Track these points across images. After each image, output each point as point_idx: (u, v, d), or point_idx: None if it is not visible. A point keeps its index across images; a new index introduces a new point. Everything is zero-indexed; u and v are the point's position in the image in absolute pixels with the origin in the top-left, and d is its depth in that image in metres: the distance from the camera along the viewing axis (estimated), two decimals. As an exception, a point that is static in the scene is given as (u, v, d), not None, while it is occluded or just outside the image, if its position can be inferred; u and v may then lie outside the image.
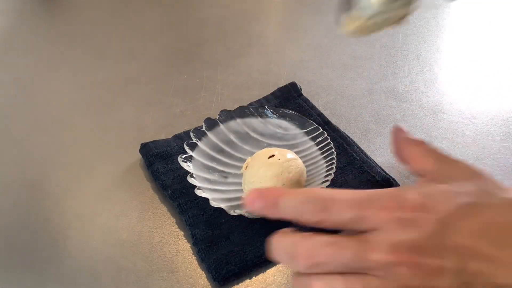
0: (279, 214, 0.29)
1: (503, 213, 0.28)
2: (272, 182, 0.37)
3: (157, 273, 0.37)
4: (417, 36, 0.66)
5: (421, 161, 0.33)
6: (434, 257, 0.26)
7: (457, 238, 0.27)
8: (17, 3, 0.75)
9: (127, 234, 0.40)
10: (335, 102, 0.54)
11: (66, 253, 0.39)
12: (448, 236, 0.27)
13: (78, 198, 0.43)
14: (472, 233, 0.27)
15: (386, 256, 0.26)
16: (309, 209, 0.28)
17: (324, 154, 0.44)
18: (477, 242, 0.27)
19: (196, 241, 0.39)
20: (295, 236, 0.29)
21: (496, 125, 0.51)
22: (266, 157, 0.38)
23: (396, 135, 0.36)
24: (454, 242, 0.27)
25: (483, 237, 0.27)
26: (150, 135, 0.49)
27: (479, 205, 0.28)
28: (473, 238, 0.27)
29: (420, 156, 0.33)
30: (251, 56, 0.62)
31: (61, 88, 0.57)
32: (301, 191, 0.30)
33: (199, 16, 0.71)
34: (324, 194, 0.29)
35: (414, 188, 0.30)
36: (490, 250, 0.26)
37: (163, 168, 0.44)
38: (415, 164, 0.34)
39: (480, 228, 0.27)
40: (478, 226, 0.27)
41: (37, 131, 0.51)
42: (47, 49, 0.64)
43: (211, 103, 0.54)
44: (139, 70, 0.60)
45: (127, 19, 0.71)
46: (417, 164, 0.33)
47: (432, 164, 0.33)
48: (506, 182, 0.45)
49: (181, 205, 0.41)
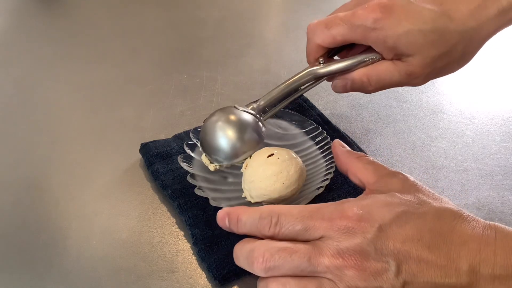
0: (241, 230, 0.34)
1: (434, 220, 0.31)
2: (272, 181, 0.37)
3: (157, 273, 0.37)
4: (417, 36, 0.65)
5: (360, 173, 0.37)
6: (376, 260, 0.30)
7: (394, 243, 0.30)
8: (17, 3, 0.75)
9: (127, 234, 0.40)
10: (335, 102, 0.54)
11: (66, 253, 0.39)
12: (386, 242, 0.30)
13: (78, 198, 0.43)
14: (406, 238, 0.30)
15: (334, 260, 0.30)
16: (263, 224, 0.32)
17: (324, 154, 0.44)
18: (411, 246, 0.30)
19: (196, 241, 0.39)
20: (254, 243, 0.32)
21: (496, 125, 0.51)
22: (266, 156, 0.38)
23: (337, 149, 0.40)
24: (392, 246, 0.30)
25: (416, 241, 0.30)
26: (150, 135, 0.49)
27: (412, 214, 0.32)
28: (407, 242, 0.30)
29: (360, 169, 0.37)
30: (251, 56, 0.62)
31: (61, 88, 0.57)
32: (257, 209, 0.34)
33: (199, 16, 0.71)
34: (277, 210, 0.33)
35: (356, 200, 0.33)
36: (422, 253, 0.30)
37: (163, 168, 0.44)
38: (356, 176, 0.37)
39: (413, 233, 0.31)
40: (412, 232, 0.31)
41: (37, 131, 0.51)
42: (47, 49, 0.64)
43: (211, 103, 0.54)
44: (139, 70, 0.60)
45: (127, 19, 0.71)
46: (357, 175, 0.37)
47: (371, 176, 0.36)
48: (506, 182, 0.45)
49: (181, 205, 0.41)
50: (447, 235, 0.31)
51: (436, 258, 0.30)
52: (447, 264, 0.30)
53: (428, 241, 0.30)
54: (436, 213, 0.32)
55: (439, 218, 0.32)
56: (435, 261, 0.30)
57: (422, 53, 0.39)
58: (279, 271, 0.31)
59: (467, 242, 0.30)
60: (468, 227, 0.31)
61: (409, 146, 0.49)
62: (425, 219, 0.31)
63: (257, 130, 0.41)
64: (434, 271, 0.30)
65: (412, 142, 0.49)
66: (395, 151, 0.48)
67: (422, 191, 0.34)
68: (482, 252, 0.30)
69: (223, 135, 0.39)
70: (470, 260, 0.30)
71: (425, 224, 0.31)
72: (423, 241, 0.30)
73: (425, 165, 0.47)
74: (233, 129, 0.40)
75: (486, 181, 0.45)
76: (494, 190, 0.44)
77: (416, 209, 0.32)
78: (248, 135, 0.40)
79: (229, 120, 0.40)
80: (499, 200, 0.43)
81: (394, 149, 0.48)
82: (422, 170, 0.46)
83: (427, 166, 0.47)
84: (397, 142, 0.49)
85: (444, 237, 0.30)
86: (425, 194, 0.34)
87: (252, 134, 0.40)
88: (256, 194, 0.38)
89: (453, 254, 0.30)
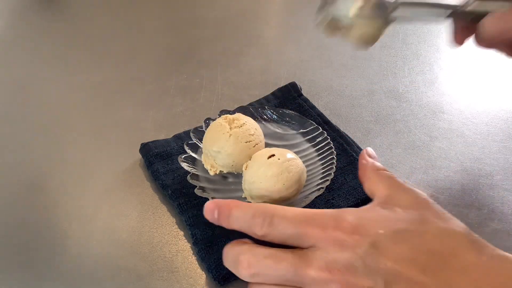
0: (231, 226, 0.33)
1: (433, 241, 0.30)
2: (272, 181, 0.37)
3: (157, 273, 0.37)
4: (417, 36, 0.66)
5: (374, 185, 0.36)
6: (364, 278, 0.28)
7: (386, 262, 0.29)
8: (17, 3, 0.75)
9: (127, 234, 0.40)
10: (335, 102, 0.54)
11: (66, 253, 0.39)
12: (377, 258, 0.29)
13: (78, 198, 0.43)
14: (400, 258, 0.29)
15: (321, 273, 0.29)
16: (256, 223, 0.31)
17: (324, 154, 0.44)
18: (405, 267, 0.28)
19: (196, 241, 0.39)
20: (242, 246, 0.31)
21: (496, 125, 0.51)
22: (266, 157, 0.38)
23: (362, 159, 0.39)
24: (383, 265, 0.28)
25: (409, 261, 0.29)
26: (150, 135, 0.49)
27: (411, 232, 0.30)
28: (401, 262, 0.28)
29: (375, 181, 0.36)
30: (251, 56, 0.62)
31: (61, 88, 0.57)
32: (252, 206, 0.32)
33: (199, 16, 0.71)
34: (271, 210, 0.32)
35: (355, 211, 0.32)
36: (416, 275, 0.28)
37: (163, 168, 0.44)
38: (368, 186, 0.36)
39: (409, 254, 0.29)
40: (407, 252, 0.29)
41: (37, 131, 0.51)
42: (47, 49, 0.64)
43: (211, 103, 0.54)
44: (139, 70, 0.60)
45: (127, 19, 0.71)
46: (370, 187, 0.36)
47: (383, 190, 0.35)
48: (506, 182, 0.45)
49: (181, 205, 0.41)
50: (447, 259, 0.29)
51: (430, 281, 0.28)
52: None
53: (424, 262, 0.29)
54: (439, 234, 0.30)
55: (441, 239, 0.30)
56: (428, 286, 0.28)
57: None
58: (264, 278, 0.30)
59: (468, 270, 0.28)
60: (472, 253, 0.29)
61: (409, 146, 0.49)
62: (425, 238, 0.30)
63: None
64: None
65: (412, 142, 0.49)
66: (395, 151, 0.48)
67: (431, 209, 0.32)
68: (483, 283, 0.28)
69: None
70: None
71: (423, 244, 0.29)
72: (418, 262, 0.28)
73: (425, 165, 0.47)
74: None
75: (486, 181, 0.45)
76: (494, 190, 0.44)
77: (417, 228, 0.30)
78: None
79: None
80: (499, 200, 0.43)
81: (394, 149, 0.48)
82: (422, 170, 0.46)
83: (427, 166, 0.47)
84: (397, 142, 0.49)
85: (443, 261, 0.29)
86: (433, 213, 0.32)
87: None
88: (257, 194, 0.38)
89: (451, 280, 0.28)
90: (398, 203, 0.33)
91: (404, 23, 0.43)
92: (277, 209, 0.32)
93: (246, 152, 0.40)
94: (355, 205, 0.41)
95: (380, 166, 0.38)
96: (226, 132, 0.40)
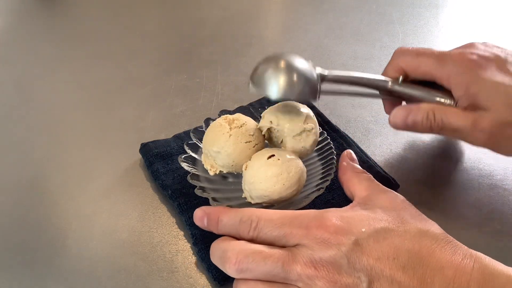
0: (221, 231, 0.34)
1: (412, 240, 0.31)
2: (272, 182, 0.37)
3: (157, 273, 0.37)
4: (417, 36, 0.66)
5: (354, 186, 0.37)
6: (348, 274, 0.29)
7: (368, 259, 0.30)
8: (17, 3, 0.75)
9: (127, 234, 0.40)
10: (335, 102, 0.54)
11: (66, 253, 0.39)
12: (361, 256, 0.30)
13: (78, 198, 0.43)
14: (381, 255, 0.30)
15: (307, 269, 0.30)
16: (243, 228, 0.33)
17: (324, 154, 0.44)
18: (386, 264, 0.30)
19: (196, 241, 0.39)
20: (230, 243, 0.32)
21: (496, 125, 0.51)
22: (266, 157, 0.38)
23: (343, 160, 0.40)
24: (366, 262, 0.30)
25: (391, 260, 0.30)
26: (150, 135, 0.49)
27: (391, 231, 0.31)
28: (382, 260, 0.30)
29: (355, 183, 0.38)
30: (251, 56, 0.62)
31: (61, 88, 0.57)
32: (238, 211, 0.34)
33: (199, 16, 0.71)
34: (257, 214, 0.33)
35: (337, 211, 0.33)
36: (396, 272, 0.30)
37: (163, 168, 0.44)
38: (348, 187, 0.38)
39: (389, 251, 0.30)
40: (388, 250, 0.30)
41: (37, 131, 0.51)
42: (47, 49, 0.64)
43: (211, 103, 0.54)
44: (139, 70, 0.60)
45: (127, 19, 0.71)
46: (350, 188, 0.38)
47: (362, 191, 0.36)
48: (506, 182, 0.45)
49: (181, 205, 0.41)
50: (424, 258, 0.30)
51: (409, 280, 0.29)
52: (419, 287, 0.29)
53: (404, 261, 0.30)
54: (417, 234, 0.32)
55: (420, 239, 0.31)
56: (407, 283, 0.29)
57: (499, 111, 0.37)
58: (251, 274, 0.31)
59: (444, 268, 0.30)
60: (447, 253, 0.31)
61: (409, 146, 0.49)
62: (405, 238, 0.31)
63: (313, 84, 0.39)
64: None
65: (412, 142, 0.49)
66: (395, 151, 0.48)
67: (409, 210, 0.34)
68: (457, 280, 0.29)
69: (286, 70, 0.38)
70: (443, 287, 0.29)
71: (404, 244, 0.31)
72: (399, 261, 0.30)
73: (425, 165, 0.47)
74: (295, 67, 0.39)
75: (486, 181, 0.45)
76: (494, 190, 0.44)
77: (397, 227, 0.32)
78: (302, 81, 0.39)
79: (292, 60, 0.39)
80: (499, 200, 0.43)
81: (394, 149, 0.48)
82: (422, 170, 0.46)
83: (427, 166, 0.47)
84: (397, 142, 0.49)
85: (421, 259, 0.30)
86: (410, 214, 0.33)
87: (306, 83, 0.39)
88: (256, 195, 0.38)
89: (427, 277, 0.30)
90: (376, 204, 0.34)
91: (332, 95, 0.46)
92: (263, 213, 0.33)
93: (246, 152, 0.40)
94: (355, 205, 0.41)
95: (360, 168, 0.39)
96: (226, 132, 0.40)
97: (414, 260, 0.30)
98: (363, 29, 0.68)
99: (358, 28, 0.68)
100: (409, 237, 0.31)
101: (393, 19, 0.70)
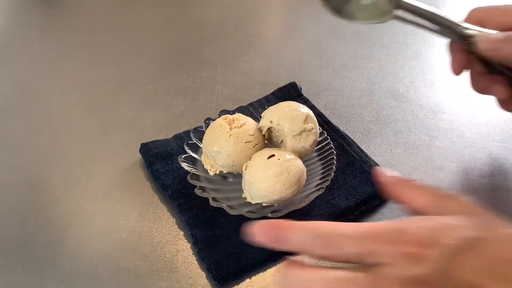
0: (287, 248, 0.29)
1: (506, 248, 0.28)
2: (272, 182, 0.37)
3: (157, 273, 0.37)
4: (417, 36, 0.66)
5: (417, 199, 0.33)
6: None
7: (463, 274, 0.27)
8: (17, 3, 0.75)
9: (127, 234, 0.40)
10: (335, 102, 0.54)
11: (66, 253, 0.39)
12: (455, 272, 0.27)
13: (78, 198, 0.43)
14: (478, 268, 0.27)
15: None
16: (317, 244, 0.29)
17: (324, 154, 0.44)
18: (483, 278, 0.26)
19: (196, 241, 0.39)
20: (306, 271, 0.28)
21: (496, 125, 0.51)
22: (266, 157, 0.38)
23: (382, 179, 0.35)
24: (461, 277, 0.26)
25: (488, 272, 0.27)
26: (150, 135, 0.49)
27: (482, 240, 0.28)
28: (479, 273, 0.27)
29: (415, 195, 0.33)
30: (251, 56, 0.62)
31: (61, 88, 0.57)
32: (308, 226, 0.30)
33: (199, 16, 0.71)
34: (331, 229, 0.29)
35: (417, 221, 0.30)
36: (495, 286, 0.26)
37: (163, 168, 0.44)
38: (412, 203, 0.33)
39: (485, 263, 0.27)
40: (484, 261, 0.27)
41: (37, 131, 0.51)
42: (47, 49, 0.64)
43: (211, 103, 0.54)
44: (139, 70, 0.60)
45: (127, 19, 0.71)
46: (414, 204, 0.33)
47: (428, 200, 0.32)
48: (506, 182, 0.45)
49: (181, 205, 0.41)
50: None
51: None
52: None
53: (501, 272, 0.27)
54: (507, 240, 0.28)
55: (509, 245, 0.28)
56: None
57: None
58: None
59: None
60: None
61: (409, 146, 0.49)
62: (496, 246, 0.28)
63: None
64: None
65: (412, 142, 0.49)
66: (395, 151, 0.48)
67: (485, 214, 0.31)
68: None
69: None
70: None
71: (497, 253, 0.28)
72: (496, 272, 0.27)
73: (425, 165, 0.47)
74: None
75: (486, 181, 0.45)
76: (494, 190, 0.44)
77: (485, 235, 0.28)
78: None
79: None
80: (499, 200, 0.43)
81: (394, 149, 0.48)
82: (422, 170, 0.46)
83: (427, 166, 0.47)
84: (397, 142, 0.49)
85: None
86: (488, 218, 0.30)
87: None
88: (257, 195, 0.38)
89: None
90: (450, 211, 0.31)
91: (404, 23, 0.45)
92: (336, 228, 0.29)
93: (246, 152, 0.40)
94: (355, 205, 0.41)
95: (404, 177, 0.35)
96: (226, 132, 0.40)
97: (509, 270, 0.27)
98: (363, 29, 0.68)
99: (358, 28, 0.68)
100: (500, 245, 0.28)
101: (393, 19, 0.70)
